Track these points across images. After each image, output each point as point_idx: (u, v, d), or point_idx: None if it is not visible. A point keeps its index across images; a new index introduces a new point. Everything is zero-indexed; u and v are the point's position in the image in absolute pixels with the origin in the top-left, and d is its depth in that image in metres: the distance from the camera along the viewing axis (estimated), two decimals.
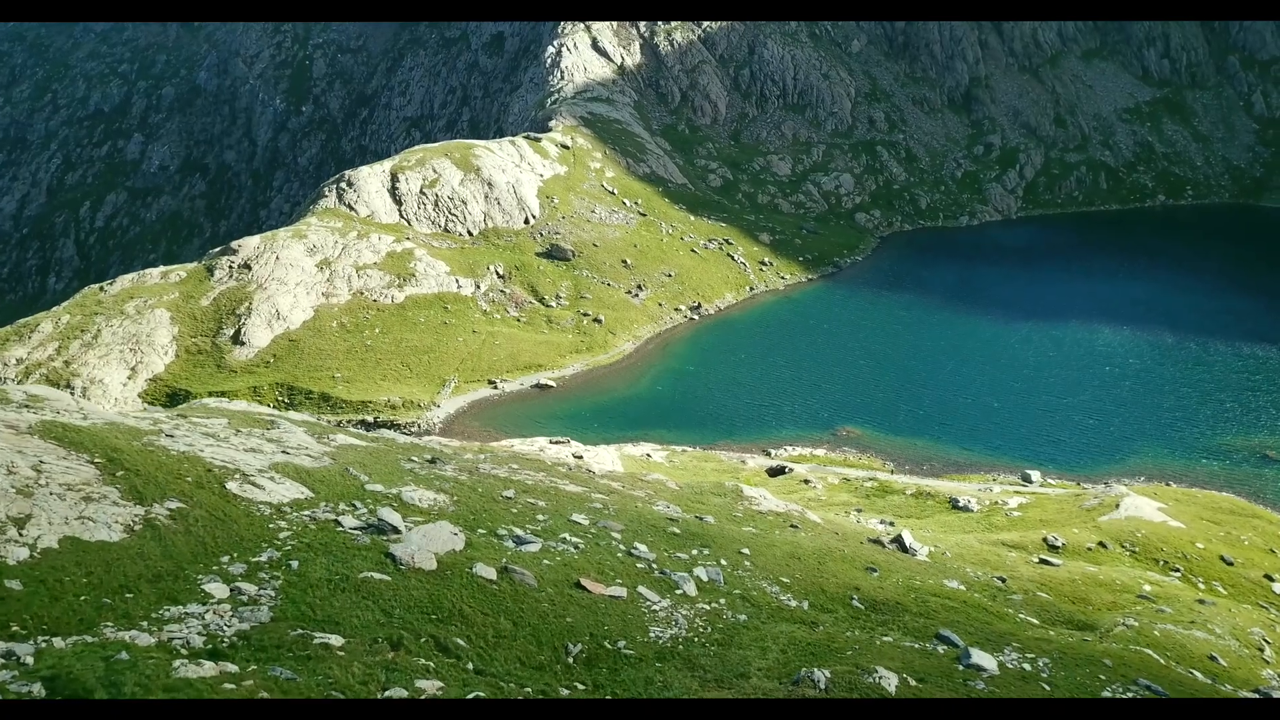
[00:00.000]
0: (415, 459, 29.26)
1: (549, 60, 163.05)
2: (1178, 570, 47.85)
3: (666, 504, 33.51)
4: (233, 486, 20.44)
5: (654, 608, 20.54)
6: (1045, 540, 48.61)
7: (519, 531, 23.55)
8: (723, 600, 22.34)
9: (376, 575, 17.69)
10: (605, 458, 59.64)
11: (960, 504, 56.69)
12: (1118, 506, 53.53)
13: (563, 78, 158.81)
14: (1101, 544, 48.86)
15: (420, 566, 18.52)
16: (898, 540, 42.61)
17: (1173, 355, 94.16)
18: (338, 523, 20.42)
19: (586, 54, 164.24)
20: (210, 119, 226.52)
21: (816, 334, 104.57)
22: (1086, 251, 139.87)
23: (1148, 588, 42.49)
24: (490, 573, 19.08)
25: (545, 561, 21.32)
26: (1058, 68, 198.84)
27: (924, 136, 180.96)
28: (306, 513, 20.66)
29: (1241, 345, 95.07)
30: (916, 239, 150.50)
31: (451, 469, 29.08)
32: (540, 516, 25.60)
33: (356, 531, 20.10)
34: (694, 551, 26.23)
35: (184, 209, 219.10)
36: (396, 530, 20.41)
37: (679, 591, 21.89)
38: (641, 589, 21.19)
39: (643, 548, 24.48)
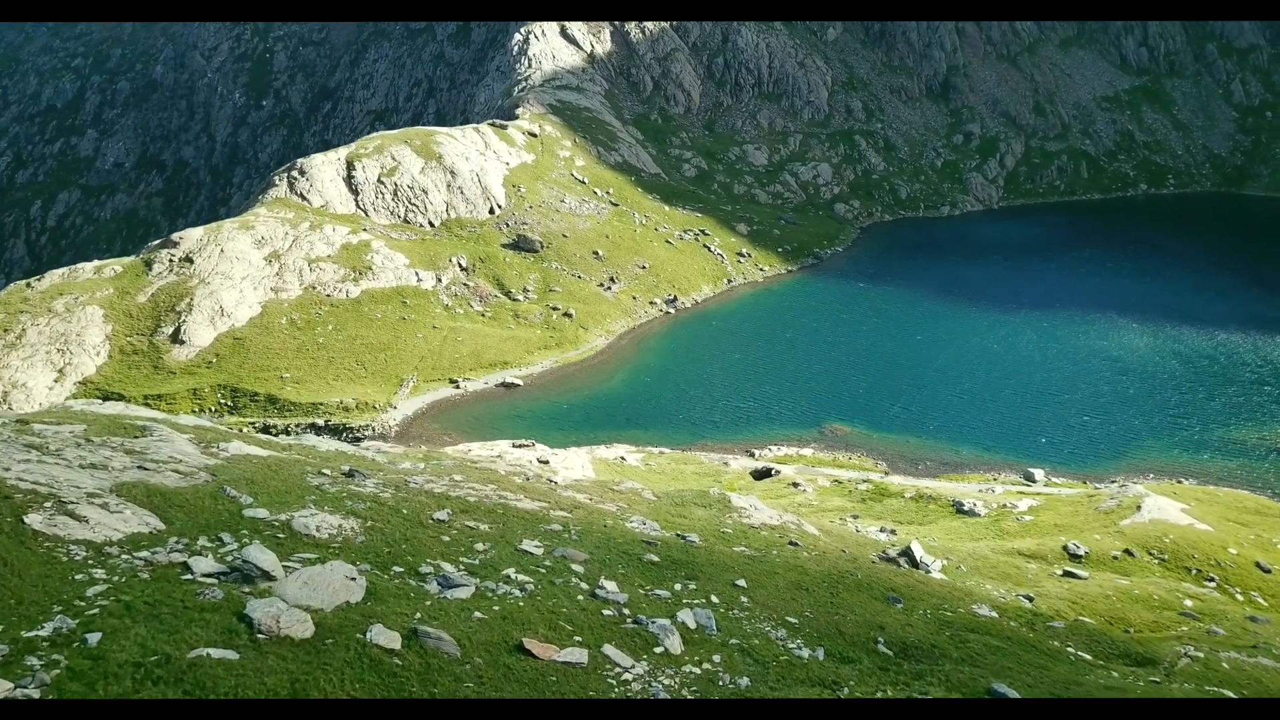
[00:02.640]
0: (328, 471, 23.48)
1: (516, 48, 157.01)
2: (1212, 580, 42.91)
3: (642, 520, 27.95)
4: (35, 520, 14.64)
5: (625, 676, 14.97)
6: (1066, 549, 43.50)
7: (448, 569, 17.92)
8: (717, 657, 16.81)
9: (217, 653, 12.00)
10: (575, 462, 54.10)
11: (965, 508, 51.52)
12: (1139, 508, 48.55)
13: (530, 65, 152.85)
14: (1128, 551, 43.81)
15: (288, 634, 12.88)
16: (906, 553, 37.31)
17: (1174, 347, 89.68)
18: (186, 568, 14.70)
19: (555, 41, 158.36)
20: (167, 114, 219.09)
21: (798, 327, 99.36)
22: (1073, 241, 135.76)
23: (1189, 603, 37.50)
24: (393, 639, 13.44)
25: (477, 614, 15.68)
26: (1036, 55, 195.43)
27: (902, 126, 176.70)
28: (143, 554, 14.90)
29: (1246, 336, 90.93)
30: (898, 229, 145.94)
31: (374, 484, 23.33)
32: (480, 546, 19.95)
33: (209, 580, 14.39)
34: (678, 586, 20.67)
35: (140, 207, 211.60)
36: (269, 576, 14.73)
37: (659, 650, 16.31)
38: (608, 649, 15.61)
39: (612, 586, 18.88)
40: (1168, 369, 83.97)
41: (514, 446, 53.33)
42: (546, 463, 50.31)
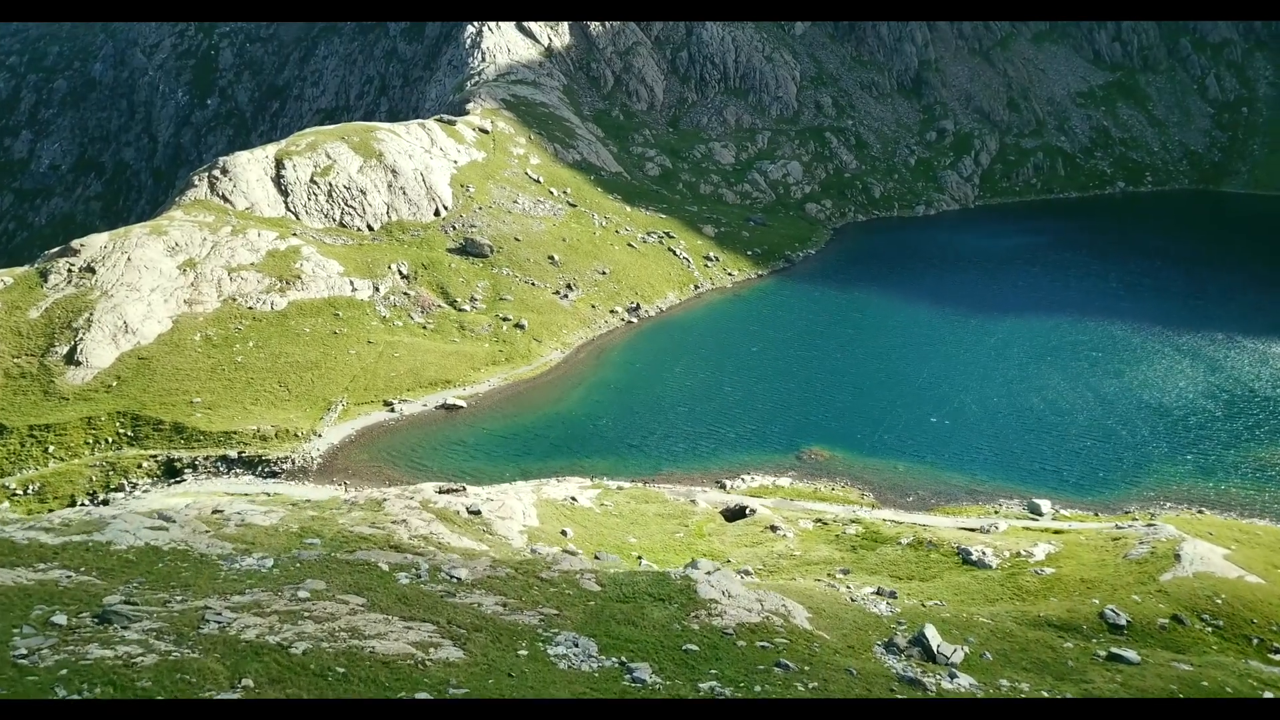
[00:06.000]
0: (63, 619, 15.08)
1: (469, 41, 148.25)
2: (1278, 651, 35.62)
3: (574, 640, 19.92)
4: None
5: None
6: (1104, 617, 35.96)
7: None
8: None
9: None
10: (514, 508, 45.82)
11: (973, 558, 43.89)
12: (1178, 558, 41.15)
13: (484, 59, 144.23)
14: (1176, 618, 36.36)
15: None
16: (919, 642, 29.55)
17: (1180, 357, 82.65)
18: None
19: (510, 34, 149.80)
20: (107, 114, 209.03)
21: (771, 338, 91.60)
22: (1056, 242, 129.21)
23: (1268, 694, 30.09)
24: None
25: None
26: (1008, 50, 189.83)
27: (874, 122, 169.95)
28: None
29: (1259, 343, 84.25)
30: (872, 230, 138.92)
31: (140, 632, 15.03)
32: None
33: None
34: None
35: (78, 211, 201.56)
36: None
37: None
38: None
39: None
40: (1176, 382, 76.95)
41: (439, 492, 44.93)
42: (478, 513, 42.04)
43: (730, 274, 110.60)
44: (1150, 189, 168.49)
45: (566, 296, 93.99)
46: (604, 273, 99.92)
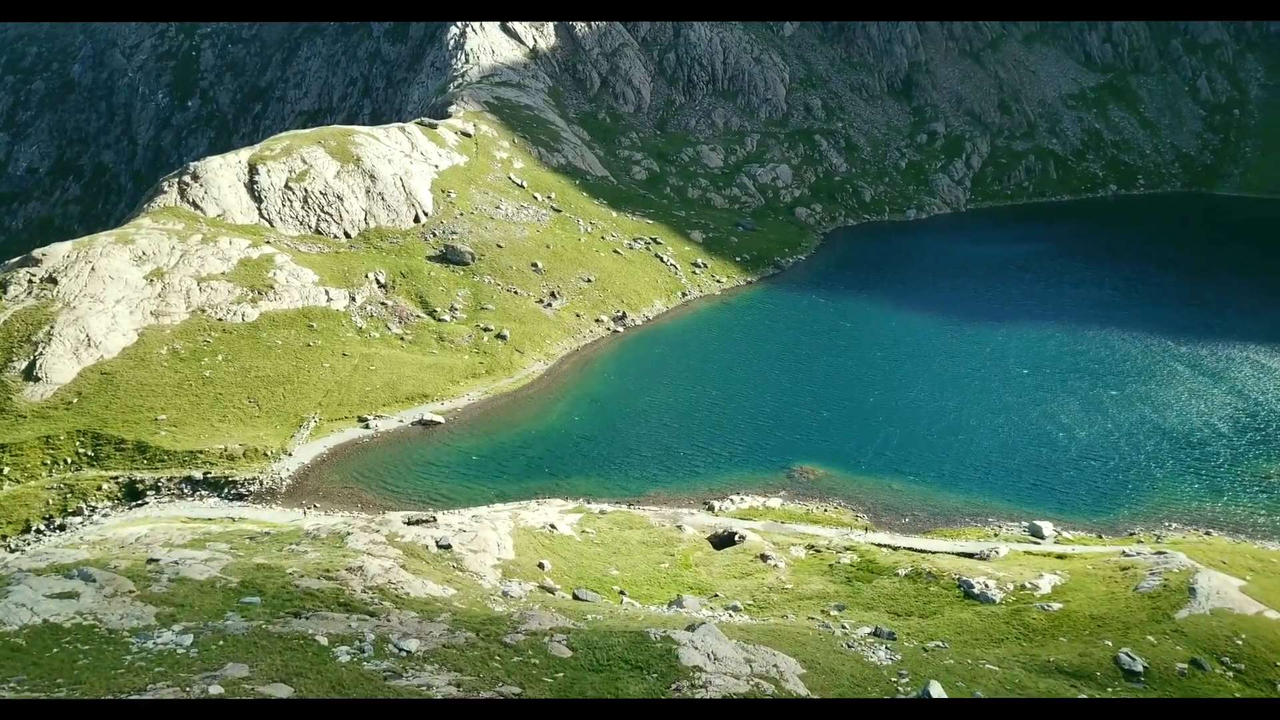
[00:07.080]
0: None
1: (452, 42, 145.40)
2: None
3: None
4: None
5: None
6: (1118, 662, 33.48)
7: None
8: None
9: None
10: (489, 539, 43.07)
11: (975, 591, 41.35)
12: (1193, 592, 38.70)
13: (467, 61, 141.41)
14: (1196, 663, 33.90)
15: None
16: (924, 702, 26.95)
17: (1182, 369, 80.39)
18: None
19: (494, 35, 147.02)
20: (85, 116, 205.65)
21: (760, 349, 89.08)
22: (1051, 248, 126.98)
23: None
24: None
25: None
26: (999, 52, 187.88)
27: (864, 125, 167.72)
28: None
29: (1263, 352, 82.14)
30: (863, 235, 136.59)
31: None
32: None
33: None
34: None
35: (56, 215, 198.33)
36: None
37: None
38: None
39: None
40: (1178, 395, 74.58)
41: (408, 523, 42.18)
42: (448, 547, 39.31)
43: (719, 281, 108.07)
44: (1142, 192, 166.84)
45: (550, 305, 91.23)
46: (589, 280, 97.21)
